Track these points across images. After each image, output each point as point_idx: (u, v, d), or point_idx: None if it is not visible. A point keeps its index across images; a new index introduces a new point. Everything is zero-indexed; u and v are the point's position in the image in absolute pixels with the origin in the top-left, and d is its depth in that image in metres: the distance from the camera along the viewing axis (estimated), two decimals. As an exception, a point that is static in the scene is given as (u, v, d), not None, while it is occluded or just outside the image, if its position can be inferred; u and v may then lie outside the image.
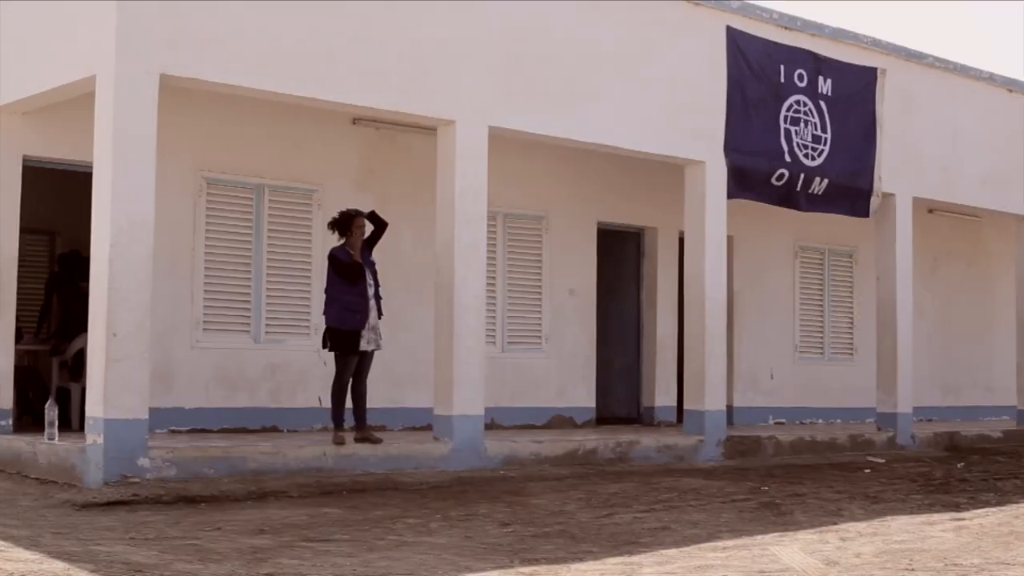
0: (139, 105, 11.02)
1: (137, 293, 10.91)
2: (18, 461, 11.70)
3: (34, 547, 7.86)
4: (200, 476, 11.10)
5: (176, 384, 13.58)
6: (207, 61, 11.51)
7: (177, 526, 9.03)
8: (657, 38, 14.94)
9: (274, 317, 14.26)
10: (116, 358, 10.76)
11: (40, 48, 12.14)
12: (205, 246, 13.84)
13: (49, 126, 12.84)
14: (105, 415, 10.67)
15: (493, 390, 15.30)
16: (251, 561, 7.57)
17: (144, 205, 11.00)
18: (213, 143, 13.95)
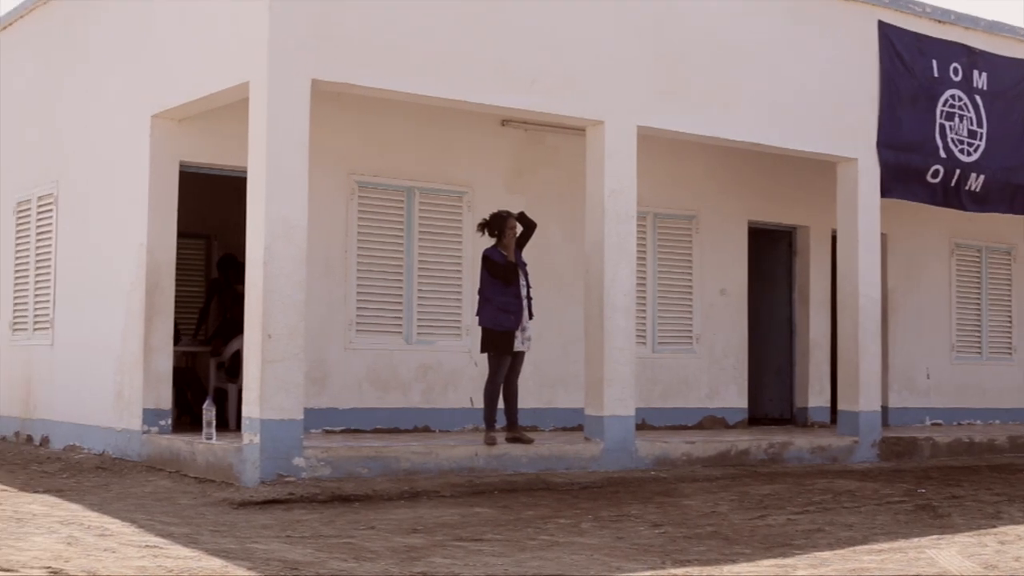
0: (291, 110, 11.19)
1: (291, 295, 11.07)
2: (177, 460, 11.95)
3: (192, 544, 8.02)
4: (354, 475, 11.23)
5: (330, 385, 13.76)
6: (357, 66, 11.65)
7: (331, 524, 9.15)
8: (807, 34, 14.76)
9: (426, 318, 14.37)
10: (271, 359, 10.93)
11: (194, 56, 12.38)
12: (357, 248, 13.99)
13: (204, 132, 13.09)
14: (261, 415, 10.84)
15: (644, 391, 15.26)
16: (404, 560, 7.64)
17: (297, 209, 11.16)
18: (364, 146, 14.11)
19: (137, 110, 13.12)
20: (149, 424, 12.69)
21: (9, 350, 15.78)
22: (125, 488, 11.05)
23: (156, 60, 13.01)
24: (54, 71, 15.27)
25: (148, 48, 13.19)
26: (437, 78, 12.07)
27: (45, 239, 15.00)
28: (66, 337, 14.45)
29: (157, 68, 12.96)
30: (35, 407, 15.01)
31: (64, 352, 14.47)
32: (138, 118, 13.07)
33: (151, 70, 13.05)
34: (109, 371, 13.37)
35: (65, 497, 10.47)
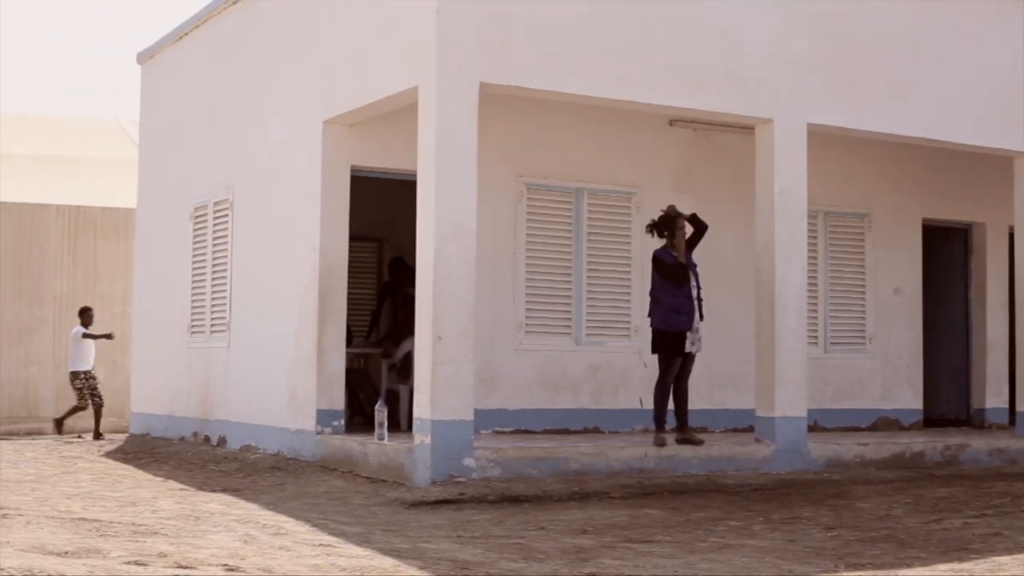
0: (460, 114, 11.28)
1: (461, 297, 11.16)
2: (350, 460, 12.13)
3: (365, 544, 8.12)
4: (524, 476, 11.28)
5: (500, 386, 13.83)
6: (525, 68, 11.70)
7: (502, 525, 9.19)
8: (981, 25, 14.42)
9: (595, 319, 14.36)
10: (442, 361, 11.03)
11: (364, 62, 12.55)
12: (526, 250, 14.05)
13: (375, 137, 13.26)
14: (432, 416, 10.95)
15: (816, 391, 15.05)
16: (574, 561, 7.64)
17: (467, 211, 11.24)
18: (532, 148, 14.16)
19: (309, 116, 13.35)
20: (323, 425, 12.90)
21: (187, 353, 16.17)
22: (299, 488, 11.24)
23: (327, 66, 13.22)
24: (228, 79, 15.61)
25: (319, 54, 13.41)
26: (605, 79, 12.07)
27: (221, 244, 15.33)
28: (242, 339, 14.76)
29: (328, 74, 13.17)
30: (212, 408, 15.35)
31: (240, 354, 14.78)
32: (310, 124, 13.30)
33: (322, 76, 13.27)
34: (283, 373, 13.62)
35: (241, 496, 10.69)
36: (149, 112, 18.38)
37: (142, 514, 9.39)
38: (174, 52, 17.43)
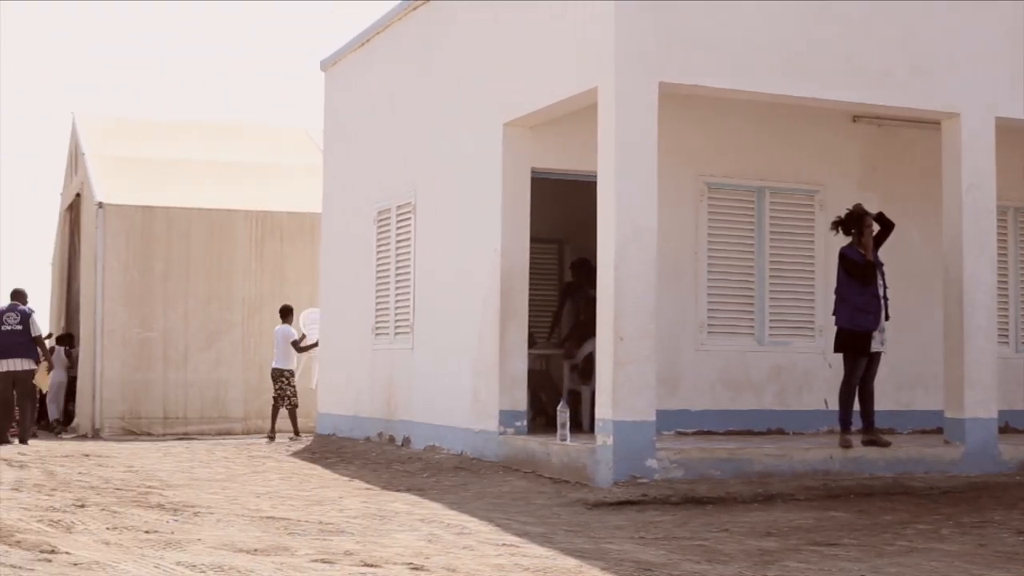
0: (640, 114, 11.26)
1: (642, 298, 11.13)
2: (532, 461, 12.18)
3: (548, 544, 8.15)
4: (706, 477, 11.20)
5: (682, 387, 13.76)
6: (705, 67, 11.63)
7: (685, 527, 9.15)
8: None
9: (778, 319, 14.20)
10: (623, 362, 11.01)
11: (543, 64, 12.60)
12: (708, 250, 13.95)
13: (555, 138, 13.30)
14: (614, 417, 10.94)
15: (1006, 392, 14.65)
16: (757, 563, 7.57)
17: (647, 212, 11.22)
18: (713, 148, 14.06)
19: (490, 119, 13.45)
20: (505, 425, 12.98)
21: (372, 354, 16.40)
22: (482, 488, 11.33)
23: (507, 69, 13.30)
24: (409, 84, 15.79)
25: (498, 57, 13.50)
26: (785, 75, 11.93)
27: (404, 246, 15.53)
28: (425, 341, 14.92)
29: (507, 77, 13.25)
30: (397, 409, 15.55)
31: (423, 355, 14.95)
32: (491, 126, 13.39)
33: (502, 79, 13.36)
34: (466, 374, 13.74)
35: (425, 496, 10.81)
36: (333, 118, 18.70)
37: (329, 513, 9.56)
38: (356, 59, 17.70)
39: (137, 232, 20.21)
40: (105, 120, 24.37)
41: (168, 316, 19.72)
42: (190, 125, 24.94)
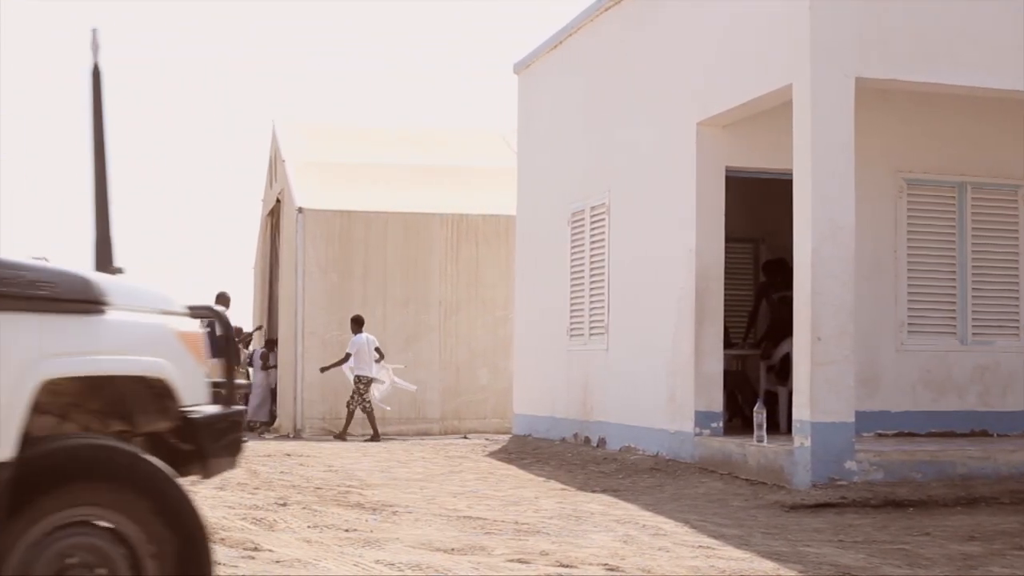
0: (836, 110, 11.10)
1: (840, 297, 10.97)
2: (729, 462, 12.08)
3: (744, 546, 8.09)
4: (907, 480, 10.98)
5: (881, 387, 13.50)
6: (902, 61, 11.42)
7: (885, 530, 8.99)
8: None
9: (981, 318, 13.84)
10: (821, 362, 10.86)
11: (736, 62, 12.49)
12: (907, 248, 13.67)
13: (748, 137, 13.19)
14: (811, 418, 10.79)
15: None
16: (960, 568, 7.40)
17: (845, 209, 11.05)
18: (911, 143, 13.77)
19: (683, 118, 13.39)
20: (701, 426, 12.90)
21: (567, 355, 16.45)
22: (678, 489, 11.28)
23: (699, 68, 13.23)
24: (602, 85, 15.81)
25: (691, 57, 13.43)
26: (986, 68, 11.63)
27: (598, 247, 15.54)
28: (620, 341, 14.91)
29: (701, 76, 13.18)
30: (592, 410, 15.57)
31: (618, 356, 14.94)
32: (684, 126, 13.33)
33: (695, 78, 13.29)
34: (661, 374, 13.70)
35: (620, 497, 10.81)
36: (526, 121, 18.81)
37: (525, 513, 9.62)
38: (549, 61, 17.78)
39: (336, 236, 20.58)
40: (304, 127, 24.85)
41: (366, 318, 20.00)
42: (386, 130, 25.30)
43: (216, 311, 5.17)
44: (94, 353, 4.39)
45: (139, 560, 4.37)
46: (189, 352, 4.74)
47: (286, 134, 23.78)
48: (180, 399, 4.65)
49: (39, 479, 4.16)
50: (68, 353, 4.29)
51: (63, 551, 4.22)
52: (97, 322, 4.42)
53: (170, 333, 4.71)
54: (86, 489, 4.28)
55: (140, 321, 4.62)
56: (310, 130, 24.63)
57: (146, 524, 4.35)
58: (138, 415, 4.75)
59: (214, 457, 4.76)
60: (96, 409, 4.73)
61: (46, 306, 4.25)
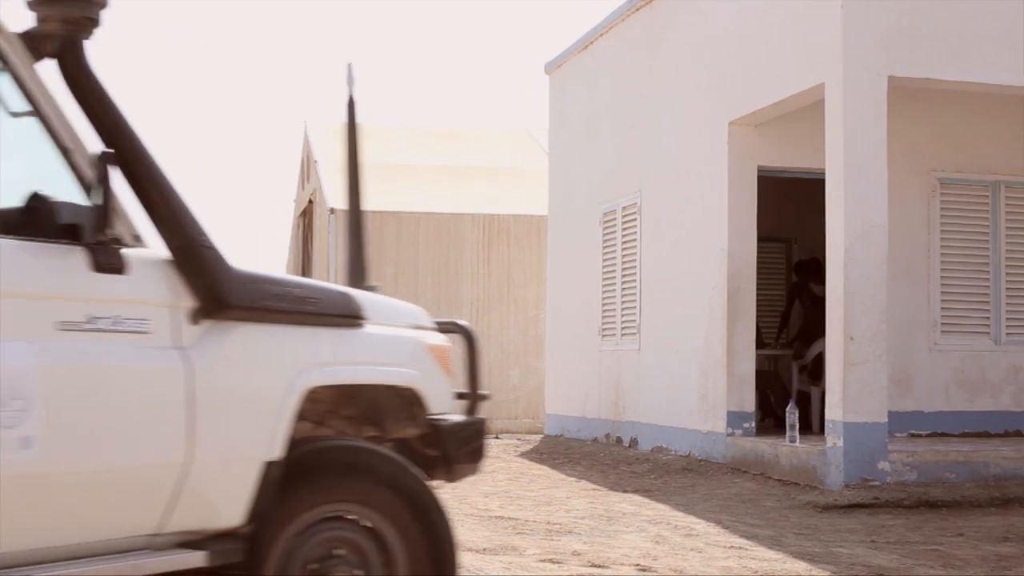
0: (868, 109, 11.07)
1: (873, 297, 10.94)
2: (761, 462, 12.06)
3: (777, 547, 8.07)
4: (941, 481, 10.93)
5: (914, 387, 13.45)
6: (936, 60, 11.37)
7: (918, 531, 8.95)
8: None
9: (1015, 317, 13.76)
10: (853, 362, 10.83)
11: (767, 61, 12.46)
12: (941, 247, 13.60)
13: (780, 136, 13.16)
14: (844, 418, 10.76)
15: None
16: (994, 569, 7.37)
17: (877, 209, 11.02)
18: (944, 142, 13.70)
19: (714, 117, 13.37)
20: (733, 426, 12.88)
21: (599, 355, 16.45)
22: (710, 489, 11.26)
23: (730, 68, 13.21)
24: (634, 84, 15.80)
25: (722, 56, 13.41)
26: (1021, 67, 11.57)
27: (630, 247, 15.53)
28: (651, 342, 14.90)
29: (731, 76, 13.15)
30: (623, 410, 15.56)
31: (650, 356, 14.92)
32: (716, 125, 13.31)
33: (725, 78, 13.26)
34: (693, 374, 13.68)
35: (652, 497, 10.80)
36: (557, 121, 18.81)
37: (556, 513, 9.62)
38: (580, 61, 17.77)
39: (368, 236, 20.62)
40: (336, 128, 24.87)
41: (399, 319, 20.04)
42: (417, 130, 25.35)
43: (462, 326, 5.54)
44: (353, 364, 4.78)
45: (391, 556, 4.70)
46: (437, 364, 5.12)
47: (318, 135, 23.85)
48: (428, 407, 5.01)
49: (304, 476, 4.52)
50: (330, 364, 4.65)
51: (322, 543, 4.57)
52: (356, 335, 4.79)
53: (420, 346, 5.08)
54: (345, 487, 4.66)
55: (393, 335, 5.00)
56: (342, 131, 24.63)
57: (399, 522, 4.70)
58: (389, 422, 5.09)
59: (459, 463, 5.12)
60: (350, 415, 5.07)
61: (312, 320, 4.60)
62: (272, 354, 4.44)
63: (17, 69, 4.00)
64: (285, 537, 4.49)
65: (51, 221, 3.90)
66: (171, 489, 4.13)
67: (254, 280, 4.42)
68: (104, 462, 3.99)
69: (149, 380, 4.09)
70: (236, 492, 4.31)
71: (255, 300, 4.38)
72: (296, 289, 4.61)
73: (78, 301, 3.94)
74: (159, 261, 4.20)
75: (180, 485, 4.14)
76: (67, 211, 3.92)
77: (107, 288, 4.01)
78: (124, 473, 4.05)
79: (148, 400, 4.08)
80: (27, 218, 3.92)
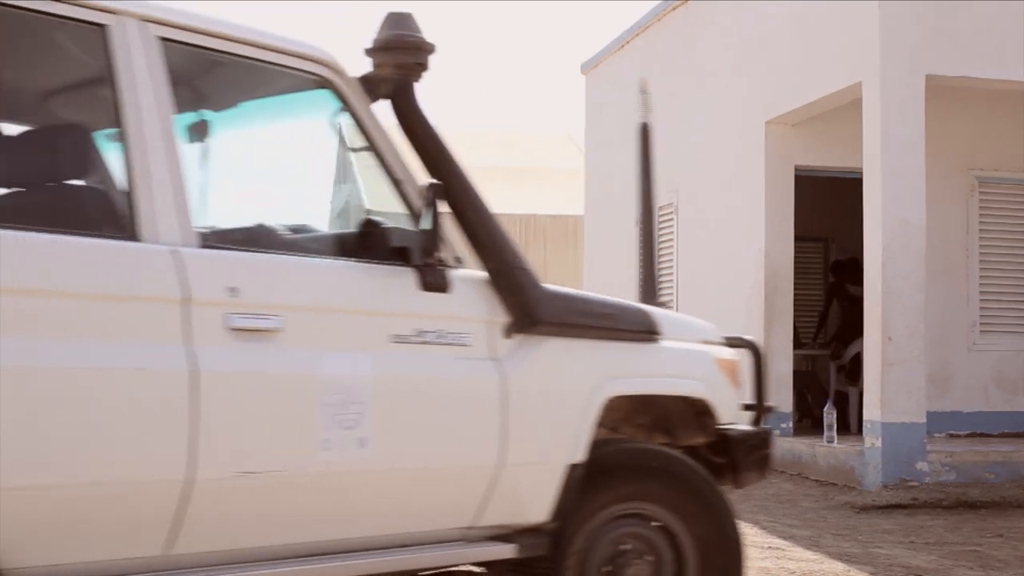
0: (906, 108, 11.02)
1: (911, 296, 10.89)
2: (798, 463, 12.02)
3: (815, 547, 8.05)
4: (980, 481, 10.88)
5: (953, 387, 13.37)
6: (974, 58, 11.31)
7: (957, 531, 8.92)
8: None
9: (1054, 317, 13.69)
10: (891, 362, 10.79)
11: (804, 60, 12.43)
12: (979, 246, 13.52)
13: (818, 135, 13.12)
14: (882, 419, 10.72)
15: None
16: (1034, 570, 7.33)
17: (915, 208, 10.97)
18: (983, 141, 13.62)
19: (751, 117, 13.34)
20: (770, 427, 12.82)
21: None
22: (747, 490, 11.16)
23: (767, 67, 13.17)
24: (670, 84, 15.77)
25: (759, 56, 13.38)
26: (1059, 65, 11.51)
27: (667, 248, 15.52)
28: (689, 342, 14.83)
29: (768, 75, 13.12)
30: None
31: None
32: (752, 125, 13.28)
33: (763, 77, 13.23)
34: (731, 375, 13.61)
35: (691, 497, 10.76)
36: (593, 121, 18.80)
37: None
38: (616, 61, 17.77)
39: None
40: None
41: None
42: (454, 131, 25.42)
43: (749, 341, 5.89)
44: (649, 376, 5.11)
45: (682, 554, 4.97)
46: (725, 377, 5.47)
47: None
48: (717, 417, 5.31)
49: (604, 477, 4.85)
50: (629, 375, 4.99)
51: (619, 539, 4.89)
52: (652, 349, 5.11)
53: (710, 359, 5.41)
54: (641, 487, 4.98)
55: (686, 349, 5.32)
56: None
57: (690, 522, 4.98)
58: (679, 430, 5.38)
59: (746, 470, 5.40)
60: (642, 423, 5.38)
61: (612, 335, 4.94)
62: (577, 365, 4.78)
63: (356, 109, 4.48)
64: (585, 532, 4.81)
65: (383, 244, 4.32)
66: (485, 487, 4.51)
67: (561, 298, 4.80)
68: (427, 461, 4.40)
69: (468, 388, 4.49)
70: (543, 491, 4.67)
71: (562, 316, 4.74)
72: (598, 306, 4.98)
73: (408, 317, 4.36)
74: (478, 281, 4.60)
75: (493, 484, 4.52)
76: (398, 235, 4.32)
77: (433, 305, 4.42)
78: (444, 472, 4.45)
79: (467, 406, 4.49)
80: (362, 241, 4.35)
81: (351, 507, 4.27)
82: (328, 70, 4.42)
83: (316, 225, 4.77)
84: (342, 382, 4.13)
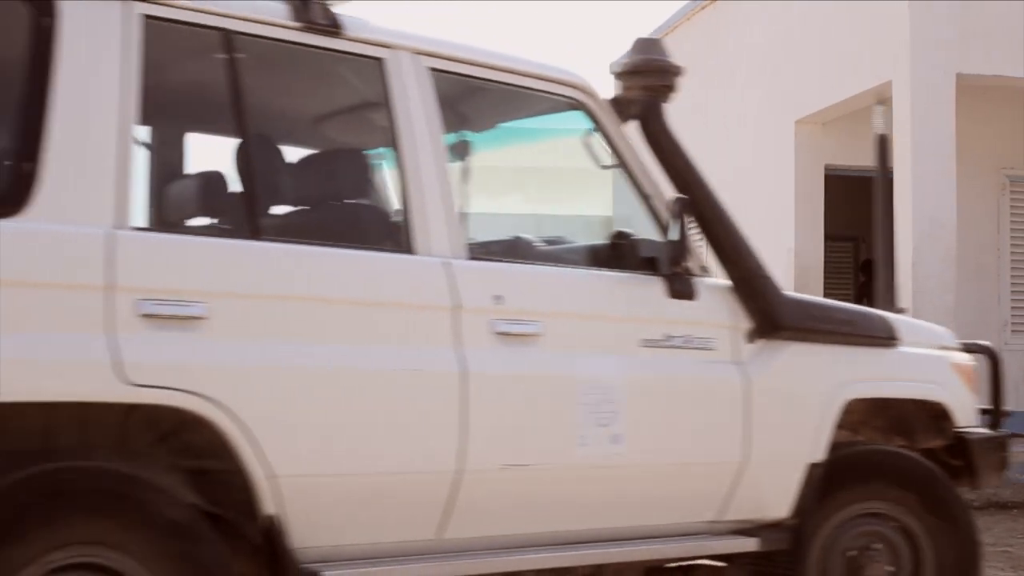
0: (936, 107, 10.99)
1: (940, 296, 10.86)
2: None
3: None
4: (1011, 482, 10.80)
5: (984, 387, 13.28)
6: (1003, 57, 11.28)
7: (988, 532, 8.86)
8: None
9: (1086, 316, 13.63)
10: (921, 362, 10.73)
11: (834, 59, 12.41)
12: (1011, 246, 13.47)
13: (848, 134, 13.08)
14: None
15: None
16: (1064, 570, 7.30)
17: (945, 207, 10.94)
18: (1013, 139, 13.54)
19: (781, 116, 13.32)
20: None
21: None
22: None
23: (796, 66, 13.16)
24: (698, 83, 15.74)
25: (789, 56, 13.36)
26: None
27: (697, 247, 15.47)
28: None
29: (798, 74, 13.10)
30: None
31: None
32: (782, 124, 13.26)
33: (793, 77, 13.21)
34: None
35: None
36: (623, 120, 18.77)
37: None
38: (646, 61, 17.72)
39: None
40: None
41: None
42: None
43: (985, 347, 6.03)
44: (888, 380, 5.29)
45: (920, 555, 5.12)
46: (962, 381, 5.60)
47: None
48: (955, 421, 5.44)
49: (843, 476, 5.02)
50: (868, 379, 5.17)
51: (859, 536, 5.06)
52: (890, 354, 5.28)
53: (947, 364, 5.54)
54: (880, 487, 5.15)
55: (923, 354, 5.47)
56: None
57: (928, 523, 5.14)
58: (916, 433, 5.49)
59: (985, 472, 5.57)
60: (880, 426, 5.48)
61: (852, 340, 5.13)
62: (817, 369, 4.99)
63: (607, 129, 4.85)
64: (825, 529, 4.99)
65: (633, 255, 4.65)
66: (729, 483, 4.74)
67: (802, 305, 5.08)
68: (676, 458, 4.66)
69: (713, 390, 4.74)
70: (784, 488, 4.86)
71: (803, 322, 4.97)
72: (838, 312, 5.21)
73: (657, 322, 4.64)
74: (722, 288, 4.87)
75: (737, 480, 4.74)
76: (647, 247, 4.66)
77: (680, 311, 4.68)
78: (691, 468, 4.71)
79: (712, 406, 4.73)
80: (613, 252, 4.68)
81: (605, 499, 4.52)
82: (582, 93, 4.80)
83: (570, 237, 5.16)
84: (597, 383, 4.42)
